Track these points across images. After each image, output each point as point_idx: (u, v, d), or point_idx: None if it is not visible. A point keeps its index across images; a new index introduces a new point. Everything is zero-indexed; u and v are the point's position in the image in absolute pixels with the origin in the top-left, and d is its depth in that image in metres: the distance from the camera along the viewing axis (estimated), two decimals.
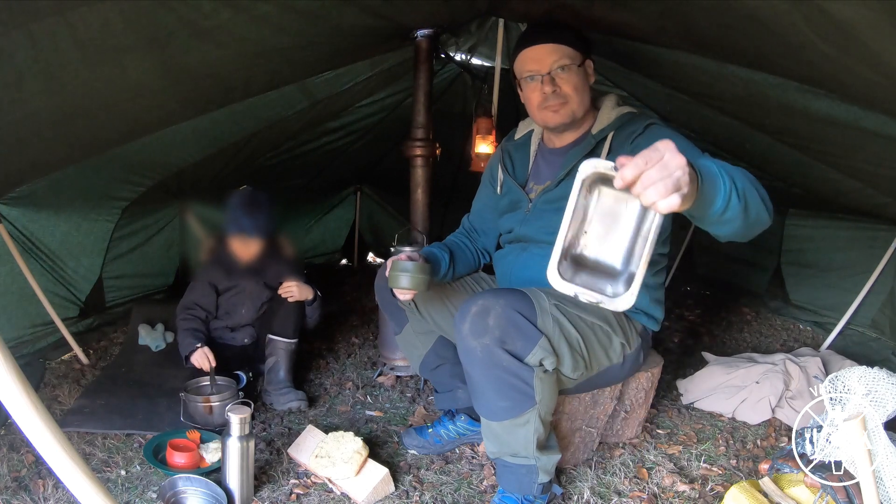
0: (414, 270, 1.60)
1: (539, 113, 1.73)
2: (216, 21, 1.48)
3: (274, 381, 2.35)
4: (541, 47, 1.66)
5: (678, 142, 1.49)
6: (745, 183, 1.14)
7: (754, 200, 1.16)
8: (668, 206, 0.92)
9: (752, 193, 1.16)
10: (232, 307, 2.58)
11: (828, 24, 1.13)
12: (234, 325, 2.58)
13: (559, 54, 1.64)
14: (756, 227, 1.21)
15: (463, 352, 1.54)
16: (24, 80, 1.38)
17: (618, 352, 1.69)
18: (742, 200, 1.11)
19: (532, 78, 1.68)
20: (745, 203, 1.12)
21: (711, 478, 1.87)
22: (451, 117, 3.63)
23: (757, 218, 1.18)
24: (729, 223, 1.13)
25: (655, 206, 0.93)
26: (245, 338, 2.59)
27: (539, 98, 1.68)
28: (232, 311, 2.58)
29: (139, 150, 2.41)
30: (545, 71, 1.65)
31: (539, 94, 1.68)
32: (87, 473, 0.85)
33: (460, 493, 1.78)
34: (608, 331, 1.66)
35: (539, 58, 1.66)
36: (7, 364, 0.79)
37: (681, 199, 0.92)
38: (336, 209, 5.03)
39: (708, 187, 1.04)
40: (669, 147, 0.94)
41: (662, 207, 0.92)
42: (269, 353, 2.40)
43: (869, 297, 2.95)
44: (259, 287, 2.57)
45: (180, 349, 2.39)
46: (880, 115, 1.61)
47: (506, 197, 1.89)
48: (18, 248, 2.43)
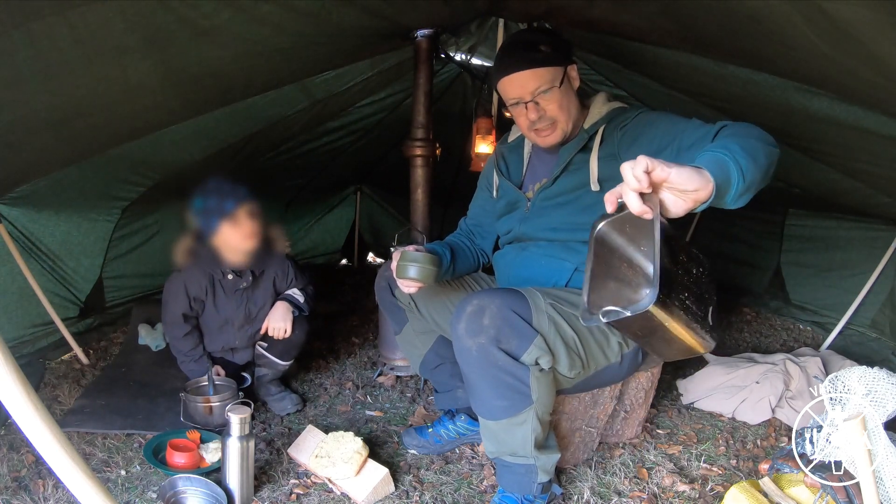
0: (424, 261, 1.57)
1: (530, 134, 1.73)
2: (216, 21, 1.48)
3: (266, 388, 2.34)
4: (519, 75, 1.62)
5: (666, 118, 1.52)
6: (747, 148, 1.15)
7: (760, 158, 1.16)
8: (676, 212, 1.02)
9: (756, 148, 1.17)
10: (218, 334, 2.33)
11: (828, 25, 1.13)
12: (228, 349, 2.37)
13: (539, 81, 1.61)
14: (771, 172, 1.23)
15: (459, 351, 1.54)
16: (24, 80, 1.38)
17: (615, 351, 1.69)
18: (753, 165, 1.12)
19: (516, 104, 1.67)
20: (756, 165, 1.14)
21: (711, 478, 1.87)
22: (451, 117, 3.63)
23: (768, 168, 1.19)
24: (748, 192, 1.14)
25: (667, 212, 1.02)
26: (247, 359, 2.42)
27: (527, 122, 1.68)
28: (218, 337, 2.33)
29: (139, 150, 2.41)
30: (528, 98, 1.63)
31: (526, 119, 1.67)
32: (87, 473, 0.85)
33: (460, 493, 1.78)
34: (605, 329, 1.66)
35: (520, 84, 1.62)
36: (7, 364, 0.79)
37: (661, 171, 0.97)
38: (336, 209, 5.04)
39: (719, 175, 1.05)
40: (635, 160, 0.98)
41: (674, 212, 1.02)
42: (262, 365, 2.35)
43: (869, 297, 2.95)
44: (252, 319, 2.31)
45: (189, 375, 2.29)
46: (880, 115, 1.61)
47: (502, 199, 1.89)
48: (18, 248, 2.43)
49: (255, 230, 2.16)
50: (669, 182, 0.99)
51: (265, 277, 2.31)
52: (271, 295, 2.34)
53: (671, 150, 1.44)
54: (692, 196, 1.01)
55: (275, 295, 2.35)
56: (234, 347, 2.39)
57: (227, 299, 2.28)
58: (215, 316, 2.30)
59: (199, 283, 2.23)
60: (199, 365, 2.29)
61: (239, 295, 2.28)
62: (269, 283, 2.33)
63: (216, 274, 2.23)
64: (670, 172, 0.97)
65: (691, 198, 1.01)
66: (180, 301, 2.23)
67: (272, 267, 2.32)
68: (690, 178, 0.99)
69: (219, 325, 2.32)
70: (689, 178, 0.99)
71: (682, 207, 1.02)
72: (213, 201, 2.10)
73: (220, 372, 2.32)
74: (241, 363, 2.44)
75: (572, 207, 1.68)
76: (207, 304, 2.27)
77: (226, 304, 2.28)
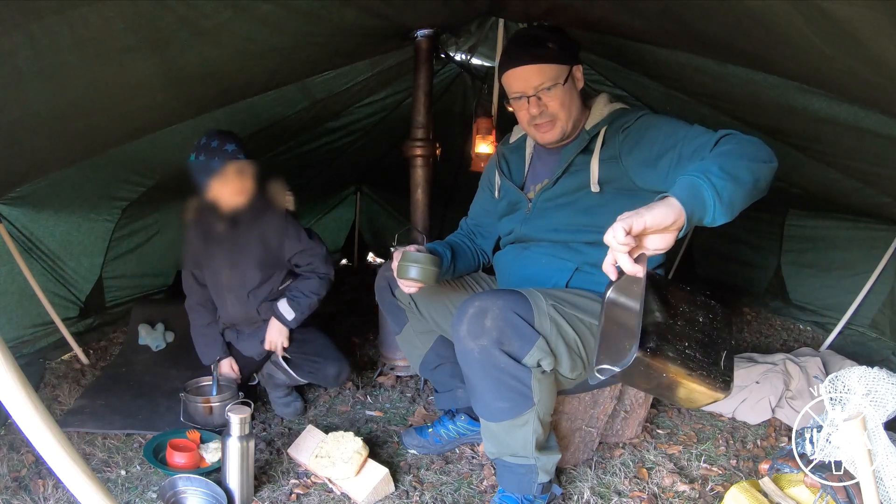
0: (425, 262, 1.57)
1: (529, 129, 1.74)
2: (216, 21, 1.48)
3: (275, 389, 2.30)
4: (525, 69, 1.63)
5: (667, 124, 1.52)
6: (728, 168, 1.18)
7: (743, 176, 1.20)
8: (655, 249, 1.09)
9: (738, 167, 1.20)
10: (220, 302, 2.29)
11: (828, 24, 1.13)
12: (230, 324, 2.32)
13: (544, 76, 1.62)
14: (763, 185, 1.26)
15: (461, 353, 1.54)
16: (24, 80, 1.38)
17: None
18: (731, 184, 1.16)
19: (519, 98, 1.68)
20: (736, 183, 1.17)
21: (711, 478, 1.87)
22: (451, 117, 3.63)
23: (754, 185, 1.22)
24: (730, 210, 1.17)
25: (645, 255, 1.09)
26: (252, 352, 2.30)
27: (527, 117, 1.69)
28: (220, 308, 2.30)
29: (139, 150, 2.41)
30: (530, 93, 1.64)
31: (527, 114, 1.68)
32: (87, 473, 0.85)
33: (460, 493, 1.78)
34: None
35: (524, 78, 1.64)
36: (7, 364, 0.79)
37: (639, 224, 1.05)
38: (336, 209, 5.04)
39: (688, 199, 1.11)
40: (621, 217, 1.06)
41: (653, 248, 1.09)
42: (278, 370, 2.27)
43: (869, 297, 2.95)
44: (238, 271, 2.20)
45: (201, 358, 2.29)
46: (880, 115, 1.61)
47: (504, 200, 1.89)
48: (18, 248, 2.43)
49: (243, 188, 2.12)
50: (648, 228, 1.07)
51: (253, 229, 2.19)
52: (261, 250, 2.21)
53: (672, 155, 1.44)
54: (672, 228, 1.09)
55: (266, 252, 2.21)
56: (237, 324, 2.30)
57: (218, 248, 2.22)
58: (210, 272, 2.26)
59: (197, 236, 2.24)
60: (211, 349, 2.27)
61: (225, 243, 2.20)
62: (258, 237, 2.20)
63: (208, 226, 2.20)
64: (645, 221, 1.06)
65: (672, 230, 1.09)
66: (188, 258, 2.26)
67: (263, 222, 2.20)
68: (665, 216, 1.08)
69: (213, 281, 2.27)
70: (664, 216, 1.08)
71: (669, 240, 1.10)
72: (201, 159, 2.06)
73: (234, 367, 2.28)
74: (247, 354, 2.32)
75: (573, 208, 1.68)
76: (204, 260, 2.25)
77: (216, 254, 2.23)
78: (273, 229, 2.20)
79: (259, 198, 2.17)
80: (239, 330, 2.34)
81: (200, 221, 2.22)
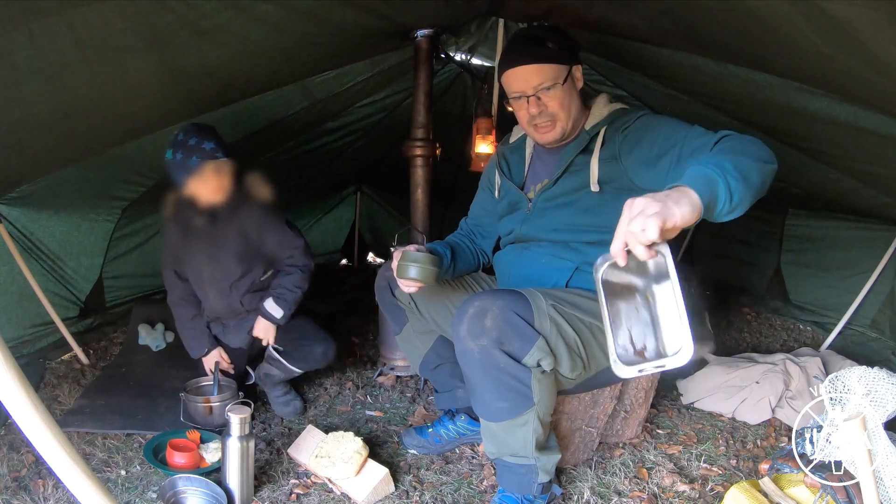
0: (425, 261, 1.57)
1: (529, 129, 1.74)
2: (216, 21, 1.48)
3: (272, 387, 2.29)
4: (525, 69, 1.62)
5: (667, 124, 1.52)
6: (740, 167, 1.17)
7: (752, 177, 1.19)
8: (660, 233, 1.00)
9: (749, 168, 1.19)
10: (203, 296, 2.28)
11: (828, 24, 1.13)
12: (215, 317, 2.32)
13: (543, 76, 1.62)
14: (766, 188, 1.25)
15: (461, 353, 1.54)
16: (24, 80, 1.38)
17: None
18: (743, 186, 1.15)
19: (518, 98, 1.67)
20: (747, 185, 1.16)
21: (711, 478, 1.87)
22: (451, 117, 3.63)
23: (760, 186, 1.21)
24: (734, 211, 1.17)
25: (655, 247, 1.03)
26: (239, 343, 2.33)
27: (527, 116, 1.68)
28: (204, 302, 2.29)
29: (139, 150, 2.41)
30: (530, 92, 1.64)
31: (526, 114, 1.68)
32: (87, 473, 0.85)
33: (460, 493, 1.78)
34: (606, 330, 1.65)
35: (524, 78, 1.63)
36: (7, 364, 0.79)
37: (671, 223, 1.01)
38: (336, 209, 5.03)
39: (706, 195, 1.09)
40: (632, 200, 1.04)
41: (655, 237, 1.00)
42: (272, 366, 2.26)
43: (869, 297, 2.95)
44: (219, 264, 2.19)
45: (189, 353, 2.31)
46: (880, 115, 1.61)
47: (504, 200, 1.89)
48: (18, 248, 2.43)
49: (221, 186, 2.09)
50: (678, 227, 1.03)
51: (232, 222, 2.18)
52: (241, 243, 2.19)
53: (671, 156, 1.44)
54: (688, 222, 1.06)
55: (246, 245, 2.20)
56: (221, 317, 2.31)
57: (197, 243, 2.21)
58: (191, 266, 2.25)
59: (177, 231, 2.23)
60: (199, 342, 2.27)
61: (204, 237, 2.19)
62: (237, 230, 2.18)
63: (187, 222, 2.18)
64: (676, 220, 1.01)
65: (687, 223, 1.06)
66: (167, 255, 2.27)
67: (243, 215, 2.18)
68: (692, 215, 1.04)
69: (194, 275, 2.26)
70: (691, 214, 1.04)
71: (676, 231, 1.07)
72: (179, 157, 2.01)
73: (224, 356, 2.27)
74: (234, 346, 2.34)
75: (573, 208, 1.68)
76: (184, 255, 2.24)
77: (195, 249, 2.22)
78: (252, 222, 2.20)
79: (238, 192, 2.16)
80: (224, 323, 2.34)
81: (179, 217, 2.21)
